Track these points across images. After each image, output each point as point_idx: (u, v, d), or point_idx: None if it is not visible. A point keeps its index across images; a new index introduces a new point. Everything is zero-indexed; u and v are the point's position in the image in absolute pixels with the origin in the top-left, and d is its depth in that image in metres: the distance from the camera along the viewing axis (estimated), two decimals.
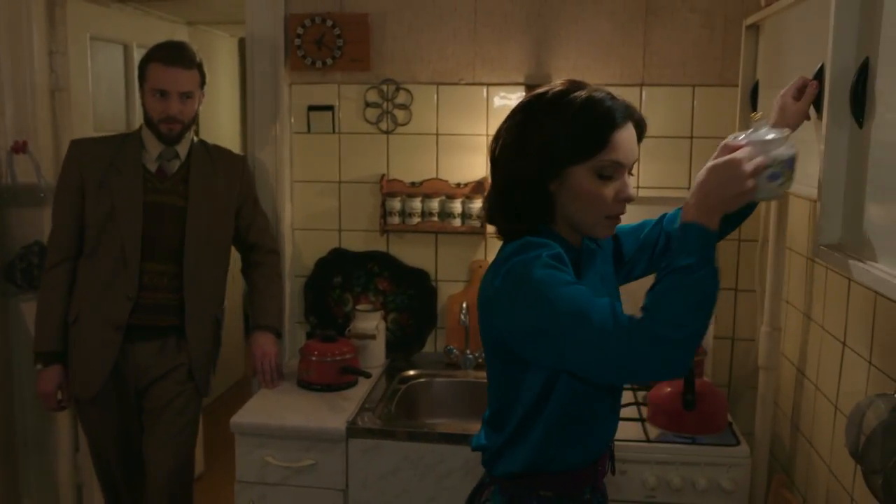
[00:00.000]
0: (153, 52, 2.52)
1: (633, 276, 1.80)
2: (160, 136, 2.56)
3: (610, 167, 1.41)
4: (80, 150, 2.59)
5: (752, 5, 2.44)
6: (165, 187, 2.60)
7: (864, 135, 1.18)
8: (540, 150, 1.42)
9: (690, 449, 2.27)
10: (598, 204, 1.43)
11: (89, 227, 2.55)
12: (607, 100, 1.42)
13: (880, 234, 1.14)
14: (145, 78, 2.52)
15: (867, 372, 1.91)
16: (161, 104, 2.51)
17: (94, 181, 2.54)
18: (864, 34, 1.18)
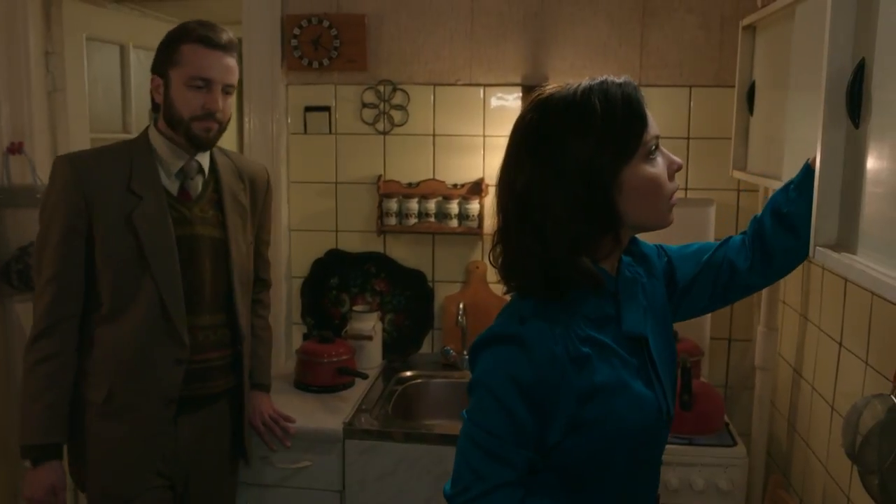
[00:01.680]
0: (188, 31, 2.00)
1: (685, 308, 1.53)
2: (191, 140, 2.03)
3: (652, 143, 1.26)
4: (78, 170, 1.96)
5: (748, 6, 2.44)
6: (195, 214, 2.07)
7: (861, 135, 1.18)
8: (584, 174, 1.21)
9: (687, 450, 2.27)
10: (658, 189, 1.26)
11: (107, 277, 1.97)
12: (608, 80, 1.27)
13: (877, 234, 1.14)
14: (176, 63, 1.99)
15: (863, 372, 1.91)
16: (200, 97, 1.99)
17: (108, 214, 1.95)
18: (860, 35, 1.18)
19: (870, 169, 1.16)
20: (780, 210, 1.47)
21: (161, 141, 2.06)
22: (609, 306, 1.29)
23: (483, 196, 2.87)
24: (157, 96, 2.04)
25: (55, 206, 1.96)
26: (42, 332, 1.97)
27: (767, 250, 1.47)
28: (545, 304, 1.25)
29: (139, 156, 2.04)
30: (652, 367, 1.32)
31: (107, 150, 2.09)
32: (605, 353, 1.25)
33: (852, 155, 1.21)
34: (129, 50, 3.45)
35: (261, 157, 2.92)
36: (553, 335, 1.21)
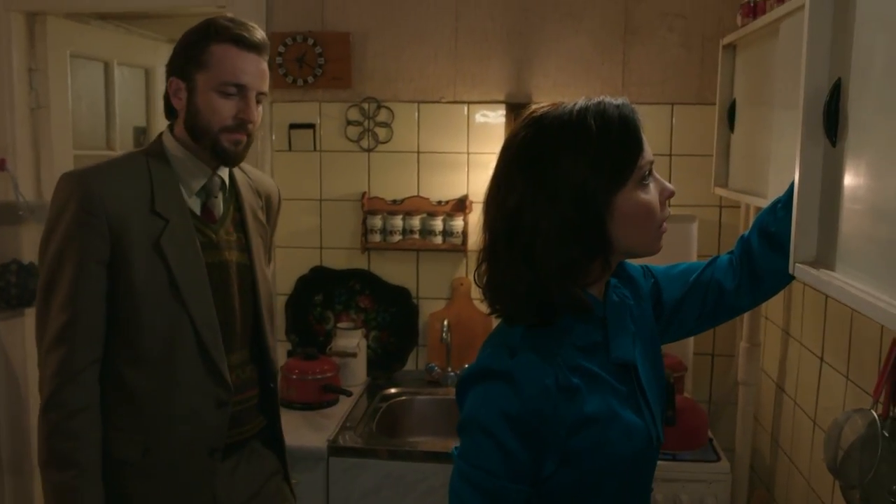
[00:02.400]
0: (220, 29, 1.73)
1: (673, 330, 1.49)
2: (217, 154, 1.76)
3: (647, 169, 1.22)
4: (95, 189, 1.65)
5: (729, 25, 2.47)
6: (221, 238, 1.83)
7: (838, 153, 1.20)
8: (576, 198, 1.18)
9: (672, 465, 2.27)
10: (650, 215, 1.23)
11: (135, 313, 1.68)
12: (606, 101, 1.22)
13: (854, 251, 1.15)
14: (205, 65, 1.72)
15: (844, 387, 1.93)
16: (231, 105, 1.73)
17: (134, 240, 1.67)
18: (836, 55, 1.20)
19: (847, 186, 1.18)
20: (767, 230, 1.45)
21: (181, 152, 1.78)
22: (597, 333, 1.26)
23: (467, 213, 2.88)
24: (177, 102, 1.76)
25: (70, 232, 1.64)
26: (63, 385, 1.64)
27: (755, 271, 1.45)
28: (533, 332, 1.22)
29: (159, 171, 1.75)
30: (641, 394, 1.30)
31: (120, 164, 1.77)
32: (595, 383, 1.23)
33: (830, 173, 1.23)
34: (114, 67, 3.45)
35: None
36: (543, 367, 1.18)
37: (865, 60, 1.12)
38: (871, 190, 1.10)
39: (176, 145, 1.79)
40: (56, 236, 1.66)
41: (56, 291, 1.65)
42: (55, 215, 1.67)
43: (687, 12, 2.76)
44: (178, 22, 3.92)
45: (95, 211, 1.64)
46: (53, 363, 1.64)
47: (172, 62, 1.78)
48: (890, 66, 1.05)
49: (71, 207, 1.64)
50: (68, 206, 1.65)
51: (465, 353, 2.87)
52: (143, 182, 1.72)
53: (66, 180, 1.70)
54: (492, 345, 1.26)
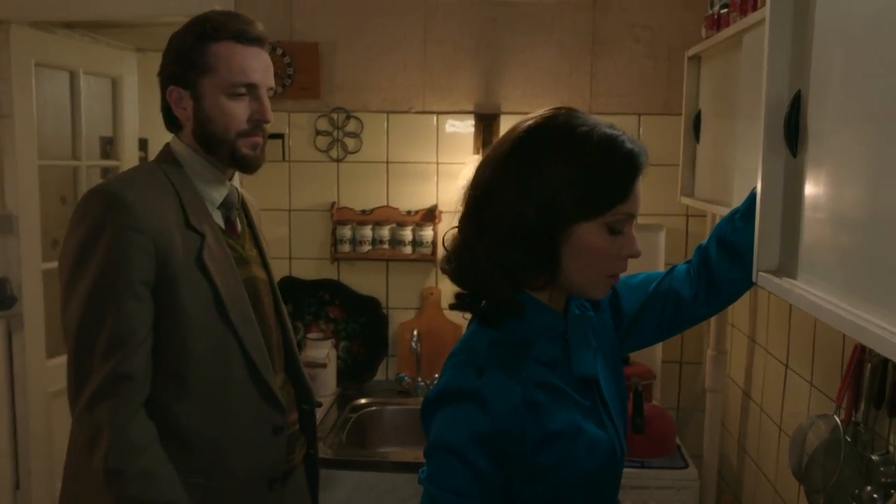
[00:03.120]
0: (218, 27, 1.59)
1: (633, 340, 1.49)
2: (237, 162, 1.63)
3: (623, 221, 1.19)
4: (135, 206, 1.48)
5: (694, 37, 2.51)
6: (248, 253, 1.72)
7: (799, 164, 1.22)
8: (542, 204, 1.16)
9: (640, 473, 2.29)
10: (604, 262, 1.20)
11: (182, 338, 1.52)
12: (626, 140, 1.20)
13: (815, 260, 1.17)
14: (208, 69, 1.58)
15: (809, 393, 1.96)
16: (244, 106, 1.60)
17: (178, 257, 1.51)
18: (795, 67, 1.22)
19: (808, 196, 1.20)
20: (725, 239, 1.45)
21: (197, 163, 1.64)
22: (557, 349, 1.26)
23: (437, 223, 2.88)
24: (181, 112, 1.62)
25: (112, 255, 1.45)
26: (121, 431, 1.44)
27: (713, 280, 1.46)
28: (497, 347, 1.21)
29: (181, 183, 1.60)
30: (604, 408, 1.30)
31: (142, 176, 1.61)
32: (559, 398, 1.22)
33: (791, 183, 1.25)
34: (80, 76, 3.41)
35: None
36: (511, 384, 1.17)
37: (823, 73, 1.14)
38: (830, 199, 1.13)
39: (191, 155, 1.64)
40: (92, 265, 1.45)
41: (99, 332, 1.44)
42: (89, 238, 1.46)
43: (653, 24, 2.80)
44: (145, 31, 3.91)
45: (141, 227, 1.46)
46: (105, 414, 1.43)
47: (168, 69, 1.63)
48: (847, 78, 1.08)
49: (110, 226, 1.45)
50: (106, 226, 1.45)
51: (436, 362, 2.87)
52: (171, 195, 1.57)
53: (97, 197, 1.50)
54: (456, 362, 1.23)
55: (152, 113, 4.78)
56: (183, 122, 1.64)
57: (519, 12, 2.83)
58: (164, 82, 1.64)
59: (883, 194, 0.96)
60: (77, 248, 1.47)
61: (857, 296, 1.02)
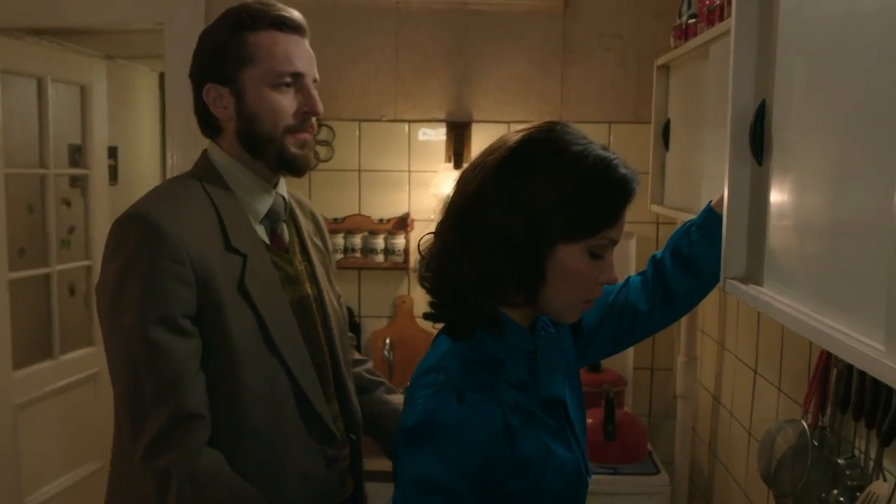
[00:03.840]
0: (256, 16, 1.46)
1: (590, 354, 1.47)
2: (284, 164, 1.48)
3: (606, 246, 1.17)
4: (172, 233, 1.34)
5: (663, 46, 2.54)
6: (297, 269, 1.55)
7: (764, 172, 1.24)
8: (529, 218, 1.13)
9: (612, 479, 2.30)
10: (583, 286, 1.17)
11: (227, 370, 1.39)
12: (620, 164, 1.17)
13: (780, 267, 1.19)
14: (249, 60, 1.44)
15: (777, 398, 1.98)
16: (290, 98, 1.46)
17: (219, 285, 1.37)
18: (760, 77, 1.24)
19: (773, 203, 1.22)
20: (680, 251, 1.44)
21: (239, 171, 1.48)
22: (525, 370, 1.22)
23: (409, 231, 2.88)
24: (222, 111, 1.46)
25: (151, 289, 1.32)
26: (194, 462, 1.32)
27: (668, 292, 1.45)
28: (469, 367, 1.17)
29: (220, 198, 1.45)
30: (570, 429, 1.28)
31: (178, 195, 1.45)
32: (530, 421, 1.20)
33: (757, 191, 1.27)
34: (48, 83, 3.37)
35: None
36: (492, 409, 1.13)
37: (787, 83, 1.16)
38: (795, 207, 1.14)
39: (232, 163, 1.48)
40: (130, 301, 1.32)
41: (148, 375, 1.31)
42: (122, 272, 1.34)
43: (623, 33, 2.83)
44: (113, 38, 3.88)
45: (177, 256, 1.32)
46: (169, 461, 1.31)
47: (202, 67, 1.48)
48: (809, 88, 1.10)
49: (145, 258, 1.32)
50: (141, 257, 1.33)
51: (408, 370, 2.86)
52: (210, 214, 1.42)
53: (129, 224, 1.36)
54: (432, 386, 1.16)
55: (122, 121, 4.79)
56: (223, 122, 1.47)
57: (490, 21, 2.84)
58: (198, 82, 1.48)
59: (844, 202, 0.98)
60: (114, 281, 1.35)
61: (821, 302, 1.03)
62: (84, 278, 3.71)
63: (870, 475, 1.45)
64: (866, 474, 1.47)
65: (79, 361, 3.55)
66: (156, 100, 5.18)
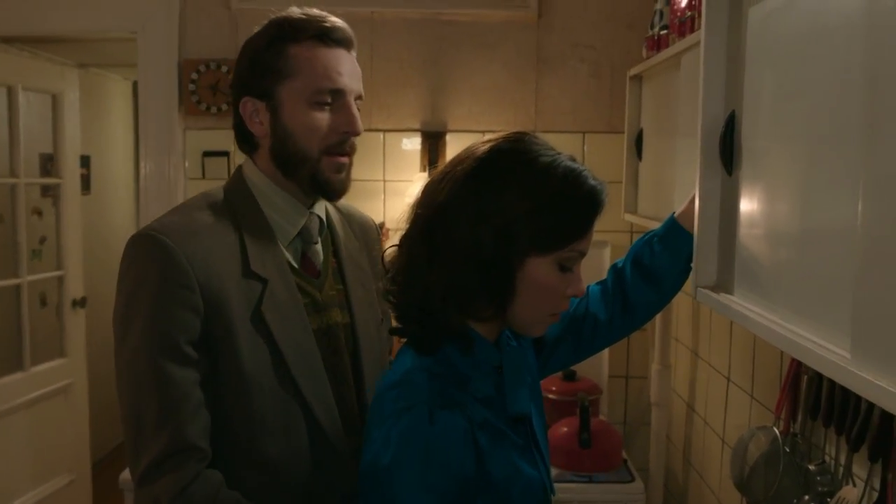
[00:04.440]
0: (298, 26, 1.37)
1: (551, 365, 1.46)
2: (318, 186, 1.39)
3: (575, 259, 1.15)
4: (183, 257, 1.27)
5: (636, 56, 2.56)
6: (326, 295, 1.44)
7: (734, 182, 1.26)
8: (499, 230, 1.11)
9: (588, 487, 2.31)
10: (551, 300, 1.16)
11: (234, 403, 1.31)
12: (589, 175, 1.15)
13: (749, 275, 1.21)
14: (288, 73, 1.35)
15: (750, 405, 2.00)
16: (329, 117, 1.36)
17: (231, 313, 1.30)
18: (730, 88, 1.26)
19: (743, 213, 1.23)
20: (641, 262, 1.43)
21: (271, 189, 1.40)
22: (491, 385, 1.20)
23: (384, 240, 2.88)
24: (257, 126, 1.38)
25: (155, 314, 1.27)
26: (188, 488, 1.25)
27: (629, 302, 1.44)
28: (437, 383, 1.14)
29: (247, 218, 1.37)
30: (535, 446, 1.26)
31: (198, 215, 1.36)
32: (499, 439, 1.18)
33: (727, 200, 1.29)
34: (18, 92, 3.34)
35: (157, 201, 2.86)
36: (463, 424, 1.11)
37: (755, 94, 1.18)
38: (764, 216, 1.16)
39: (265, 182, 1.39)
40: (136, 324, 1.27)
41: (150, 400, 1.26)
42: (131, 293, 1.30)
43: (596, 43, 2.85)
44: (86, 46, 3.85)
45: (186, 281, 1.26)
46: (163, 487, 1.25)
47: (240, 79, 1.40)
48: (777, 99, 1.12)
49: (152, 281, 1.27)
50: (149, 280, 1.28)
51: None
52: (232, 236, 1.34)
53: (141, 243, 1.31)
54: (397, 400, 1.14)
55: (95, 129, 4.76)
56: (259, 138, 1.39)
57: (464, 31, 2.86)
58: (236, 94, 1.40)
59: (811, 211, 1.00)
60: (123, 302, 1.31)
61: (790, 310, 1.05)
62: (56, 289, 3.67)
63: (840, 481, 1.46)
64: (836, 480, 1.49)
65: (50, 373, 3.51)
66: (129, 108, 5.15)
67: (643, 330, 2.85)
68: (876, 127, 0.79)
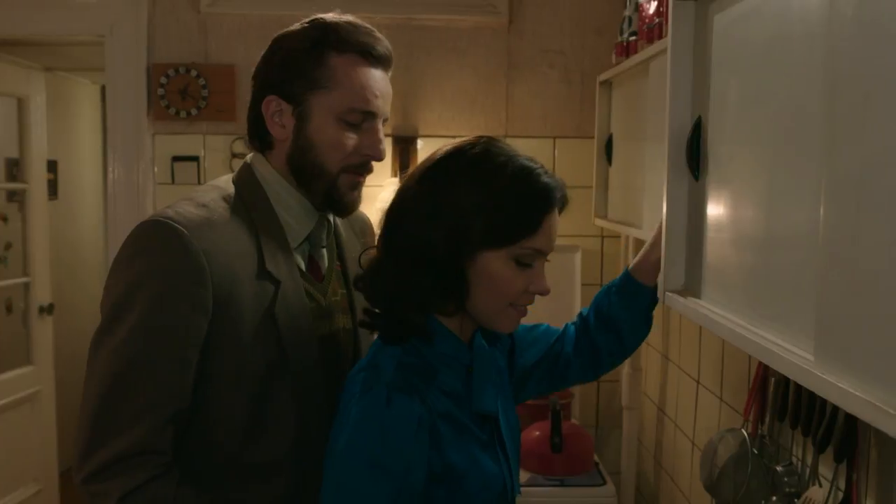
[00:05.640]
0: (342, 35, 1.31)
1: (527, 392, 1.48)
2: (331, 203, 1.35)
3: (531, 256, 1.17)
4: (199, 249, 1.20)
5: (605, 62, 2.58)
6: (330, 300, 1.40)
7: (701, 187, 1.27)
8: (451, 227, 1.14)
9: (559, 491, 2.32)
10: (508, 293, 1.17)
11: (224, 404, 1.25)
12: (542, 173, 1.17)
13: (716, 279, 1.22)
14: (325, 84, 1.29)
15: (719, 408, 2.02)
16: (355, 137, 1.31)
17: (242, 313, 1.24)
18: (696, 94, 1.27)
19: (710, 217, 1.25)
20: (601, 311, 1.45)
21: (284, 190, 1.34)
22: (460, 381, 1.22)
23: None
24: (278, 129, 1.32)
25: (163, 308, 1.19)
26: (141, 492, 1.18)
27: (594, 348, 1.47)
28: (404, 370, 1.17)
29: (261, 215, 1.32)
30: (500, 445, 1.28)
31: (215, 207, 1.28)
32: (459, 431, 1.20)
33: (694, 205, 1.30)
34: None
35: (126, 207, 2.84)
36: (417, 411, 1.13)
37: (721, 100, 1.19)
38: (730, 221, 1.17)
39: (278, 180, 1.34)
40: (135, 314, 1.18)
41: (130, 393, 1.18)
42: (135, 282, 1.20)
43: (566, 49, 2.87)
44: (52, 50, 3.80)
45: (201, 278, 1.19)
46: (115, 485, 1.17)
47: (270, 74, 1.33)
48: (741, 105, 1.13)
49: (164, 272, 1.19)
50: (160, 270, 1.20)
51: None
52: (246, 233, 1.28)
53: (154, 231, 1.21)
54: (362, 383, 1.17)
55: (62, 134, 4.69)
56: (277, 140, 1.33)
57: (435, 36, 2.86)
58: (261, 88, 1.33)
59: (775, 216, 1.01)
60: (123, 290, 1.20)
61: (756, 314, 1.06)
62: (21, 296, 3.62)
63: (806, 481, 1.48)
64: (803, 481, 1.50)
65: (16, 381, 3.46)
66: (97, 113, 5.09)
67: None
68: (835, 132, 0.81)
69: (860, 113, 0.76)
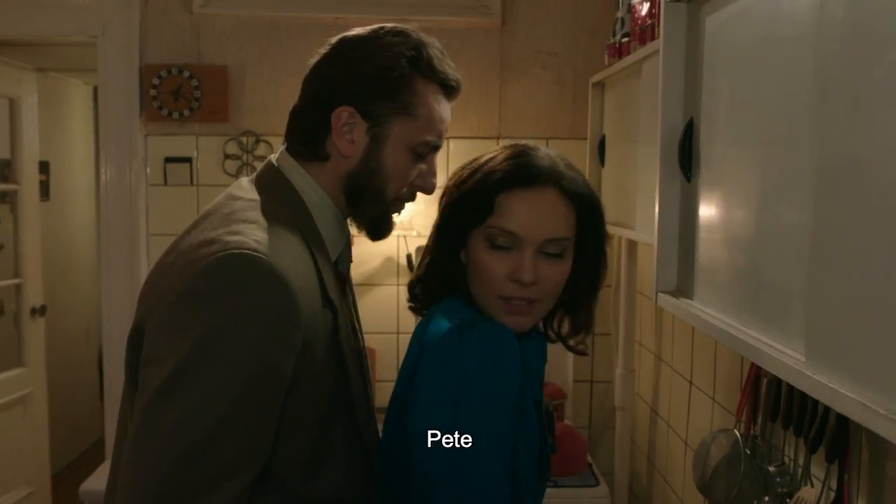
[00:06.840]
0: (430, 61, 1.25)
1: None
2: (377, 227, 1.28)
3: (502, 236, 1.15)
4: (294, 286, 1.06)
5: (598, 63, 2.58)
6: (354, 313, 1.36)
7: (693, 188, 1.27)
8: (449, 209, 1.23)
9: (553, 492, 2.29)
10: (488, 278, 1.16)
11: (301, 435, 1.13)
12: (527, 156, 1.19)
13: (708, 280, 1.22)
14: (409, 111, 1.21)
15: (712, 409, 2.02)
16: (416, 166, 1.24)
17: (318, 344, 1.13)
18: (688, 95, 1.28)
19: (702, 218, 1.25)
20: None
21: (329, 208, 1.24)
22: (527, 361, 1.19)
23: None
24: (345, 143, 1.20)
25: (265, 356, 1.04)
26: None
27: None
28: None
29: (310, 232, 1.19)
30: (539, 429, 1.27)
31: (281, 231, 1.13)
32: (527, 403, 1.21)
33: (687, 206, 1.30)
34: None
35: (118, 209, 2.83)
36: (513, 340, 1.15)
37: (713, 101, 1.20)
38: (722, 221, 1.18)
39: (323, 197, 1.23)
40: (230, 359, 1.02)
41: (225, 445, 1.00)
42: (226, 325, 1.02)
43: (559, 51, 2.87)
44: (46, 51, 3.79)
45: (298, 320, 1.06)
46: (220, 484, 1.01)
47: (347, 83, 1.21)
48: (733, 106, 1.13)
49: (259, 318, 1.03)
50: (253, 313, 1.03)
51: None
52: (307, 256, 1.16)
53: (245, 267, 1.04)
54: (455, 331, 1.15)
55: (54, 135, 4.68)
56: (339, 154, 1.21)
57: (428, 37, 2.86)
58: (332, 95, 1.22)
59: (766, 216, 1.01)
60: (207, 332, 1.01)
61: (748, 314, 1.06)
62: (13, 297, 3.61)
63: (798, 481, 1.49)
64: (795, 481, 1.51)
65: (8, 383, 3.44)
66: (89, 114, 5.08)
67: (607, 335, 2.87)
68: (825, 134, 0.81)
69: (850, 114, 0.77)
